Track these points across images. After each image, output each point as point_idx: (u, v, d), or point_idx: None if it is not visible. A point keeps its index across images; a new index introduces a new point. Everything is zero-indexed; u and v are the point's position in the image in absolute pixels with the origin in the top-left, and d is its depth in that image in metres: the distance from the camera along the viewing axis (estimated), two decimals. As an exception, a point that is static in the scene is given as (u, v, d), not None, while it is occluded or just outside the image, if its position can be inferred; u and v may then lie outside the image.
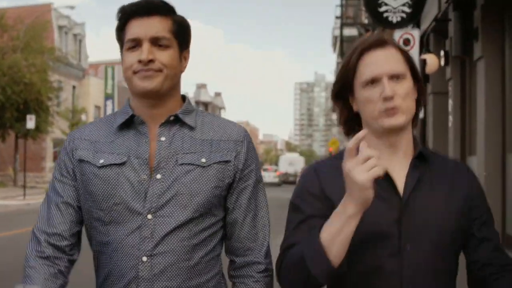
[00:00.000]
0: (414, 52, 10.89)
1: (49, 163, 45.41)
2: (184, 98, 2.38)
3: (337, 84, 2.19)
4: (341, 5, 34.84)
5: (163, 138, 2.27)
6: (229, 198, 2.32)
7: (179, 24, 2.29)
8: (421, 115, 2.30)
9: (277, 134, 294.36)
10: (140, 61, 2.20)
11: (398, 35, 11.02)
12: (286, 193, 25.56)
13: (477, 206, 2.16)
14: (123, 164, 2.24)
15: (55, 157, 45.77)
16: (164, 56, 2.23)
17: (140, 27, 2.23)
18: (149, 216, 2.18)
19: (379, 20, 10.94)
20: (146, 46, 2.21)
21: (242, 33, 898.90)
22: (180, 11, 2.33)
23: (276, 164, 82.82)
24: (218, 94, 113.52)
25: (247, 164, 2.35)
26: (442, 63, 12.29)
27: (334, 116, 34.23)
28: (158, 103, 2.27)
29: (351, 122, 2.24)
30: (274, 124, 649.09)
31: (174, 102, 2.31)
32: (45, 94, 36.98)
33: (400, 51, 2.12)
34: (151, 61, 2.21)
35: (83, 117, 44.79)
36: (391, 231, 2.05)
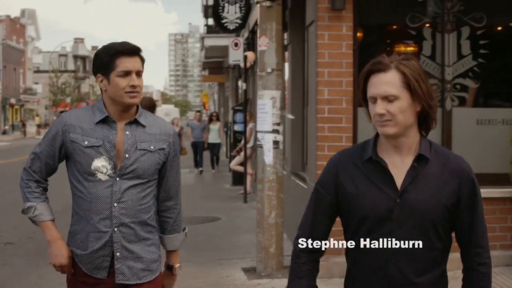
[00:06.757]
0: (240, 51, 15.32)
1: None
2: (137, 106, 3.43)
3: (359, 94, 2.58)
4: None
5: (127, 132, 3.32)
6: (163, 169, 3.47)
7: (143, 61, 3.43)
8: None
9: (153, 85, 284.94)
10: (132, 86, 3.27)
11: (231, 39, 15.83)
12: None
13: (464, 199, 2.51)
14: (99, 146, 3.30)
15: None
16: (142, 83, 3.36)
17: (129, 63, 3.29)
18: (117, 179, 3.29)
19: (221, 27, 15.21)
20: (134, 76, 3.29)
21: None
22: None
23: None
24: (95, 48, 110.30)
25: (175, 150, 3.48)
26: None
27: (207, 71, 32.03)
28: (128, 109, 3.35)
29: None
30: (150, 75, 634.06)
31: (134, 108, 3.38)
32: None
33: (402, 74, 2.42)
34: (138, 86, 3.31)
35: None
36: (385, 216, 2.49)
